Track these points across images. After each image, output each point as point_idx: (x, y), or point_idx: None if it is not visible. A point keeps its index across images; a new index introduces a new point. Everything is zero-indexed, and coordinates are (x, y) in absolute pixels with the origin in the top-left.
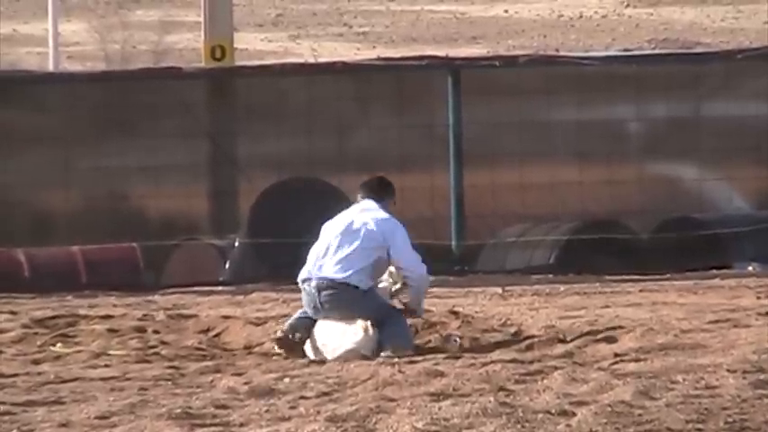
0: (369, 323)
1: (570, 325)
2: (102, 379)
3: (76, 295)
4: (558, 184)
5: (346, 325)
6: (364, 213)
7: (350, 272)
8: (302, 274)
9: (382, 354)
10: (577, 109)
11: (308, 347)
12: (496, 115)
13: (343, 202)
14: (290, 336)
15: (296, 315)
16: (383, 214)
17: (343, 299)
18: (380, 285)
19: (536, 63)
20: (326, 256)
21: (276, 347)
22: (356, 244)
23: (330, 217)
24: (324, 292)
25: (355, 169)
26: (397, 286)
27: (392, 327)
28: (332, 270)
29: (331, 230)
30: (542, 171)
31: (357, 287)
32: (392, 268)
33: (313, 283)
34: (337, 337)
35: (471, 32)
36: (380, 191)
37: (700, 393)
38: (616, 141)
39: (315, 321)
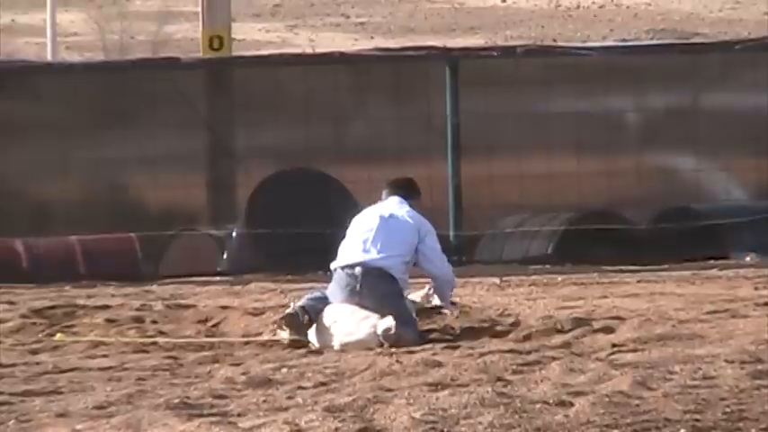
0: (393, 324)
1: (568, 315)
2: (101, 369)
3: (75, 285)
4: (555, 175)
5: (367, 314)
6: (400, 207)
7: (395, 262)
8: (343, 260)
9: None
10: (575, 99)
11: (311, 335)
12: (494, 106)
13: (340, 192)
14: (300, 317)
15: (308, 297)
16: (417, 213)
17: (382, 287)
18: (411, 297)
19: (534, 53)
20: (371, 244)
21: (283, 324)
22: (398, 235)
23: (329, 208)
24: (367, 278)
25: (353, 160)
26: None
27: (405, 322)
28: (377, 257)
29: (369, 220)
30: (540, 162)
31: (397, 281)
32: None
33: (358, 269)
34: (356, 321)
35: (469, 23)
36: (409, 189)
37: (698, 384)
38: (614, 132)
39: (326, 306)
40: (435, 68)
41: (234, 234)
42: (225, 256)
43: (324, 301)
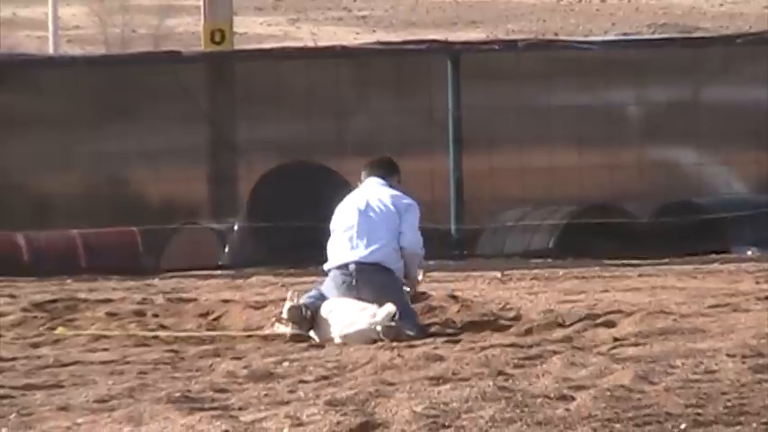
0: (394, 310)
1: (569, 309)
2: (102, 362)
3: (76, 279)
4: (557, 169)
5: (365, 305)
6: (378, 192)
7: (385, 252)
8: (335, 261)
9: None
10: (577, 93)
11: (311, 331)
12: (495, 99)
13: (342, 186)
14: (303, 311)
15: (307, 296)
16: (396, 192)
17: (379, 278)
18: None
19: (535, 47)
20: (357, 239)
21: (285, 318)
22: (380, 224)
23: (331, 202)
24: (362, 273)
25: (354, 153)
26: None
27: (404, 315)
28: (367, 253)
29: (348, 215)
30: (541, 155)
31: (392, 271)
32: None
33: (351, 266)
34: (355, 312)
35: (471, 16)
36: (387, 168)
37: (699, 378)
38: (615, 126)
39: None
40: (437, 62)
41: (235, 228)
42: (226, 249)
43: (322, 298)
